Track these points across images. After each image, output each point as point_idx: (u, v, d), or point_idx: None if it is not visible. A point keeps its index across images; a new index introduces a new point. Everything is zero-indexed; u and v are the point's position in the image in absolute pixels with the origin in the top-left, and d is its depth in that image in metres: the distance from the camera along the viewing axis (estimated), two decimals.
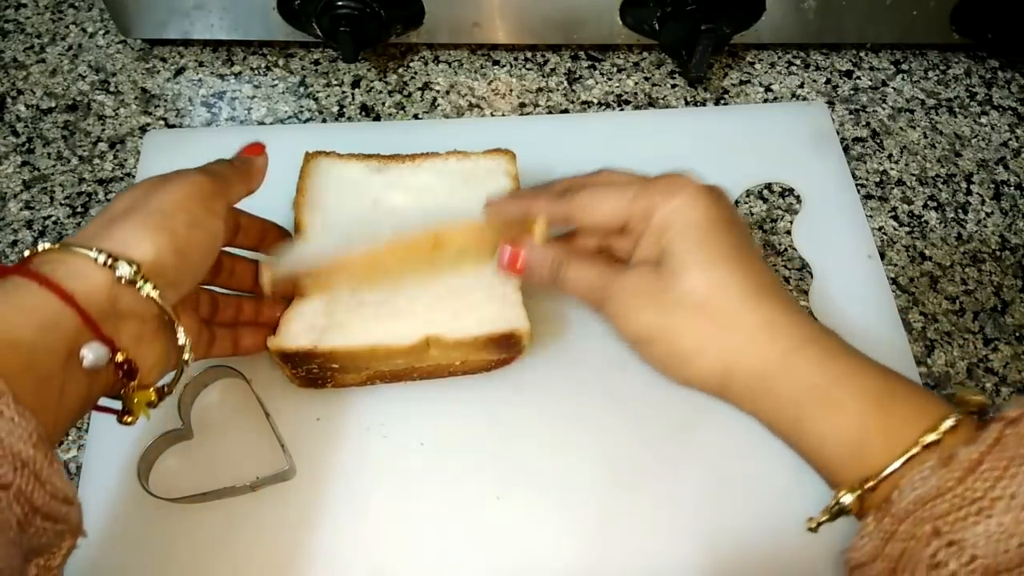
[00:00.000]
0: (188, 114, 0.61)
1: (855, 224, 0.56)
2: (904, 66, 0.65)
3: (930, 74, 0.64)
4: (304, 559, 0.44)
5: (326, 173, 0.49)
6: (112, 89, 0.62)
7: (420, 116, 0.61)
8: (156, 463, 0.45)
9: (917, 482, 0.29)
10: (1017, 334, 0.53)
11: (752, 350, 0.34)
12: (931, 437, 0.30)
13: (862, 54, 0.65)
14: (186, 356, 0.38)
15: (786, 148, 0.59)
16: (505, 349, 0.46)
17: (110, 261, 0.33)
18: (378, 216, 0.47)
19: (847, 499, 0.32)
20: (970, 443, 0.29)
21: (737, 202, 0.57)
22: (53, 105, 0.61)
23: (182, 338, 0.37)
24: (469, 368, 0.47)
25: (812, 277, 0.54)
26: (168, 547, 0.44)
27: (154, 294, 0.34)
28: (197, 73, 0.63)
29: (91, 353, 0.32)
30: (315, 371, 0.45)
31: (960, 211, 0.58)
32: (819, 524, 0.33)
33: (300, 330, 0.43)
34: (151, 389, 0.37)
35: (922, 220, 0.57)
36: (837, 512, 0.32)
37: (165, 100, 0.62)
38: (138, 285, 0.34)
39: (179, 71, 0.63)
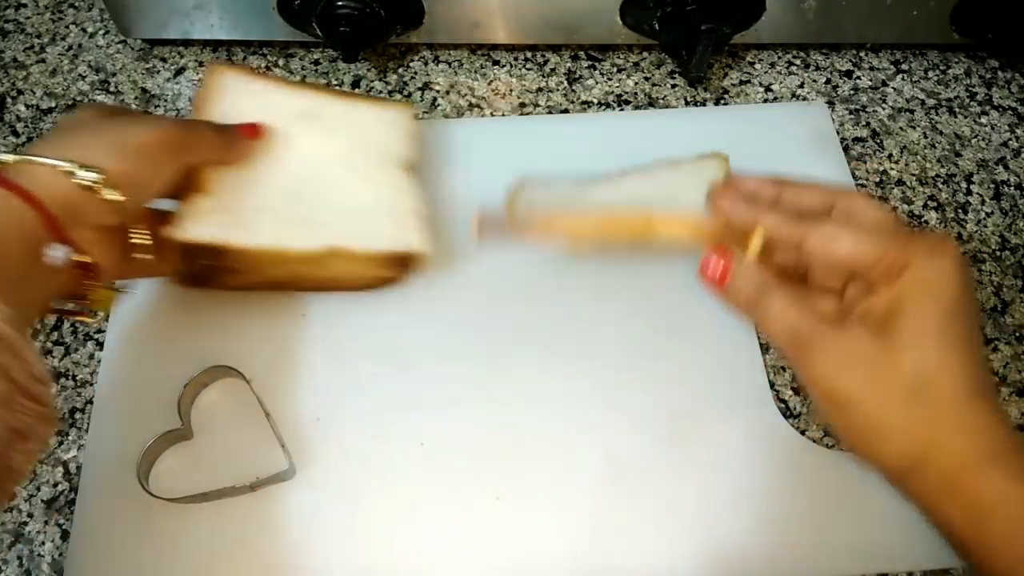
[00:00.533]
0: (188, 114, 0.61)
1: None
2: (904, 66, 0.65)
3: (930, 74, 0.64)
4: (304, 559, 0.44)
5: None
6: (112, 89, 0.62)
7: (420, 116, 0.61)
8: (156, 463, 0.46)
9: None
10: (1017, 334, 0.53)
11: (953, 448, 0.33)
12: None
13: (862, 54, 0.65)
14: (145, 255, 0.41)
15: (786, 148, 0.58)
16: (403, 267, 0.48)
17: (72, 168, 0.36)
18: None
19: None
20: None
21: None
22: (53, 105, 0.61)
23: (141, 238, 0.41)
24: (360, 284, 0.49)
25: None
26: (168, 547, 0.44)
27: (117, 197, 0.37)
28: (197, 73, 0.63)
29: (53, 252, 0.35)
30: (207, 268, 0.45)
31: (960, 211, 0.58)
32: None
33: (203, 223, 0.43)
34: (110, 287, 0.40)
35: (922, 220, 0.57)
36: None
37: (165, 100, 0.62)
38: (100, 190, 0.36)
39: (179, 71, 0.63)
